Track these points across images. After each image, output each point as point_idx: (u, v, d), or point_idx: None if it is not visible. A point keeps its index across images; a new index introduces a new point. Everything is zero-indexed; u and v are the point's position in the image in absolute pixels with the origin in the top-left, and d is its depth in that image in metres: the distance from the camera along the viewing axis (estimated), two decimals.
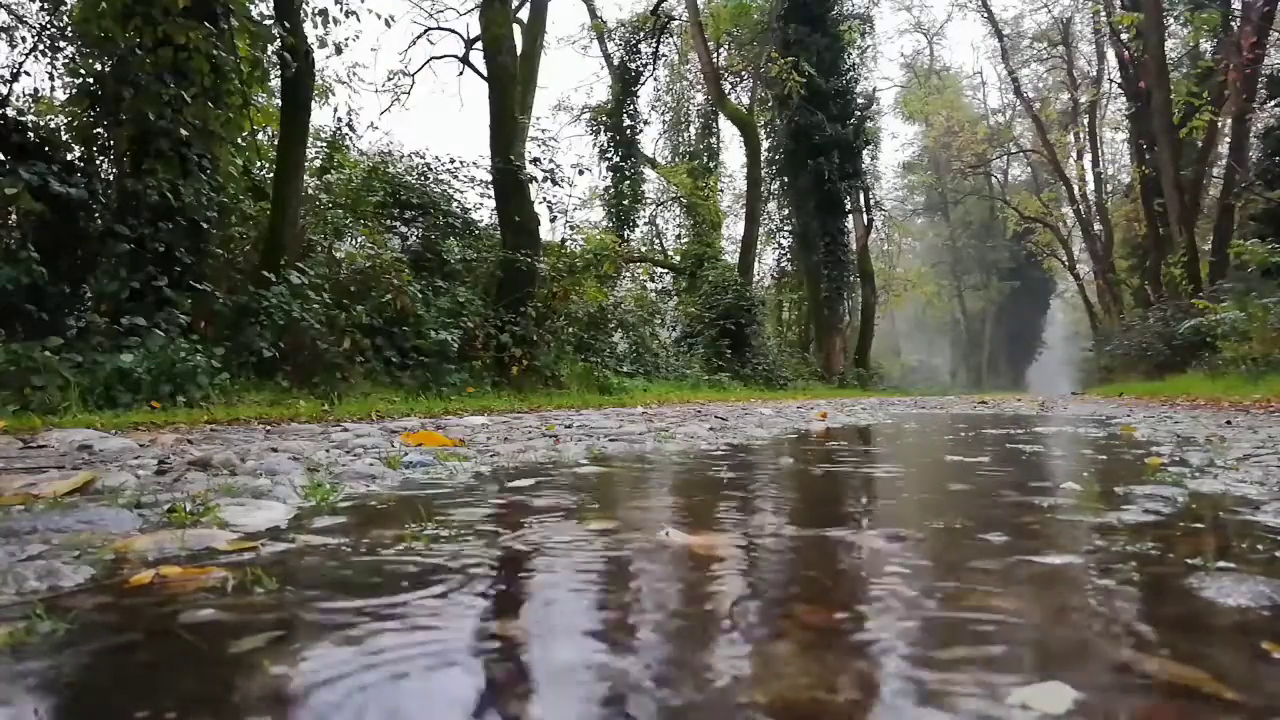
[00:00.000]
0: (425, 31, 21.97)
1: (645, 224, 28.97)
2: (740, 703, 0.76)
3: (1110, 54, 31.43)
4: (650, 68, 28.30)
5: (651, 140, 31.41)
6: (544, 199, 14.10)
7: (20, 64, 8.32)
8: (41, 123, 8.15)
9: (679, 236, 29.14)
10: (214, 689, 0.81)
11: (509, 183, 12.44)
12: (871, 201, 31.36)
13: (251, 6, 9.05)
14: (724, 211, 30.44)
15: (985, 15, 36.04)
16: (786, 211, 29.49)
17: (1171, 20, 23.97)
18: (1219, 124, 22.06)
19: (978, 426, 5.83)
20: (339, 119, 13.91)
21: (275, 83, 10.14)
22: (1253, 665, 0.86)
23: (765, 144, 27.41)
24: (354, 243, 11.35)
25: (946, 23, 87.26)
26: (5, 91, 8.06)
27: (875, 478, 2.75)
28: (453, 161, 14.30)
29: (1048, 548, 1.45)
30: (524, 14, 17.09)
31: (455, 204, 13.99)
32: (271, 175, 10.03)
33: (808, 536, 1.64)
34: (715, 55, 26.52)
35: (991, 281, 53.39)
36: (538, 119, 17.13)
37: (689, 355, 20.05)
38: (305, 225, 10.35)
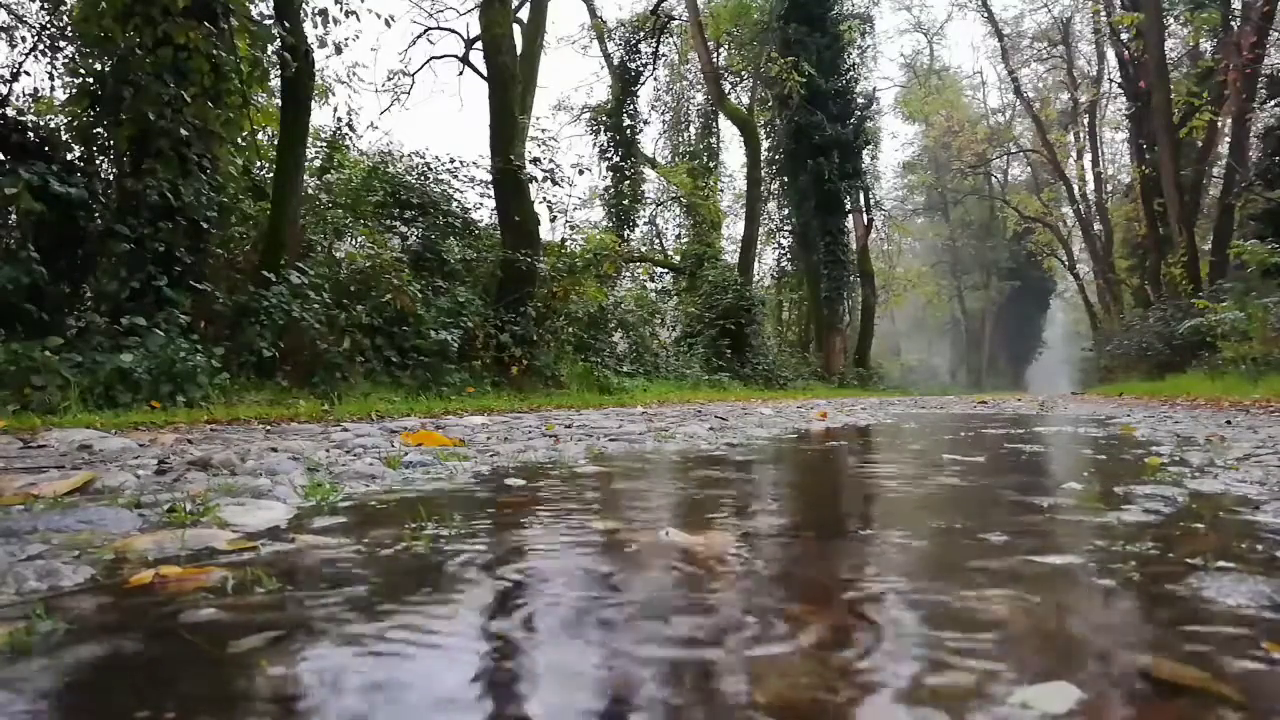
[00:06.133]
0: (425, 31, 22.01)
1: (645, 224, 29.02)
2: (740, 702, 0.76)
3: (1110, 54, 31.44)
4: (650, 68, 28.33)
5: (651, 140, 31.47)
6: (544, 199, 14.09)
7: (20, 64, 8.32)
8: (41, 123, 8.14)
9: (679, 236, 29.15)
10: (214, 689, 0.81)
11: (509, 183, 12.44)
12: (871, 201, 31.37)
13: (251, 6, 9.04)
14: (724, 211, 30.44)
15: (985, 15, 36.04)
16: (786, 211, 29.50)
17: (1171, 20, 23.96)
18: (1219, 124, 22.05)
19: (977, 426, 5.83)
20: (339, 119, 13.88)
21: (275, 83, 10.14)
22: (1253, 665, 0.86)
23: (765, 144, 27.40)
24: (354, 243, 11.34)
25: (946, 23, 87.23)
26: (5, 91, 8.06)
27: (875, 477, 2.75)
28: (453, 161, 14.30)
29: (1048, 547, 1.45)
30: (524, 14, 17.10)
31: (455, 204, 13.97)
32: (271, 175, 10.03)
33: (808, 536, 1.64)
34: (715, 55, 26.52)
35: (991, 281, 53.38)
36: (538, 119, 17.14)
37: (689, 355, 20.03)
38: (305, 225, 10.35)
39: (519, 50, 14.31)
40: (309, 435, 4.32)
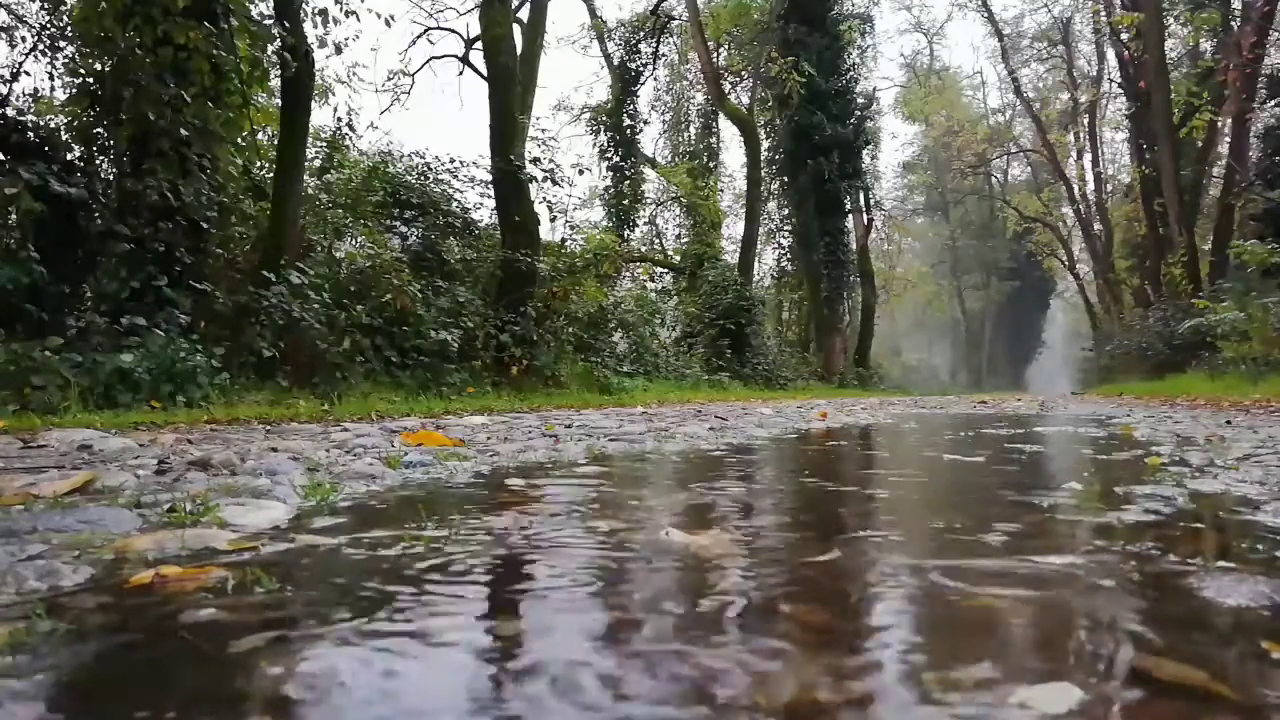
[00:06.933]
0: (425, 31, 22.02)
1: (645, 224, 29.02)
2: (739, 702, 0.76)
3: (1110, 54, 31.48)
4: (650, 68, 28.34)
5: (651, 140, 31.45)
6: (544, 199, 14.09)
7: (20, 64, 8.30)
8: (41, 123, 8.13)
9: (679, 236, 29.16)
10: (214, 688, 0.81)
11: (509, 183, 12.44)
12: (871, 201, 31.39)
13: (251, 6, 9.03)
14: (724, 211, 30.44)
15: (985, 15, 36.06)
16: (786, 211, 29.50)
17: (1171, 20, 23.97)
18: (1219, 124, 22.05)
19: (977, 426, 5.83)
20: (339, 119, 13.88)
21: (275, 83, 10.13)
22: (1253, 665, 0.86)
23: (765, 144, 27.40)
24: (354, 243, 11.34)
25: (946, 23, 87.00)
26: (5, 91, 8.06)
27: (875, 477, 2.75)
28: (453, 161, 14.30)
29: (1047, 548, 1.45)
30: (524, 14, 17.10)
31: (455, 204, 13.97)
32: (271, 175, 10.03)
33: (807, 536, 1.64)
34: (715, 55, 26.51)
35: (991, 281, 53.39)
36: (538, 119, 17.14)
37: (689, 355, 20.04)
38: (305, 225, 10.34)
39: (519, 50, 14.30)
40: (309, 435, 4.32)
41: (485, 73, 13.93)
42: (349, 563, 1.34)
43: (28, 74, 8.44)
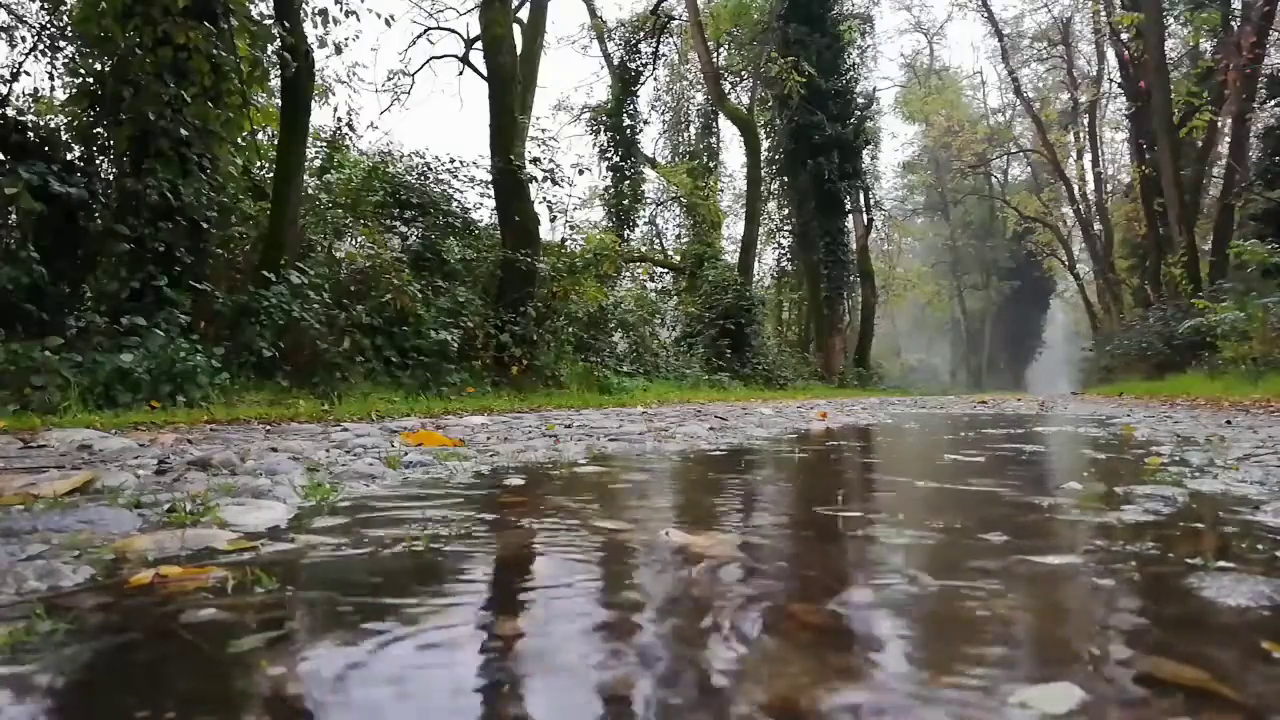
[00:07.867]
0: (425, 31, 22.04)
1: (645, 224, 29.02)
2: (739, 701, 0.76)
3: (1110, 54, 31.46)
4: (650, 68, 28.33)
5: (651, 140, 31.44)
6: (544, 199, 14.08)
7: (20, 64, 8.31)
8: (41, 123, 8.14)
9: (679, 236, 29.17)
10: (214, 689, 0.81)
11: (509, 183, 12.44)
12: (871, 201, 31.41)
13: (251, 6, 9.03)
14: (724, 211, 30.44)
15: (985, 15, 36.05)
16: (786, 211, 29.53)
17: (1171, 20, 23.97)
18: (1219, 124, 22.06)
19: (977, 426, 5.83)
20: (339, 119, 13.91)
21: (275, 83, 10.13)
22: (1253, 665, 0.86)
23: (765, 144, 27.41)
24: (354, 243, 11.34)
25: (946, 23, 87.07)
26: (5, 91, 8.06)
27: (875, 478, 2.75)
28: (453, 161, 14.29)
29: (1047, 547, 1.45)
30: (524, 14, 17.11)
31: (455, 204, 13.97)
32: (271, 175, 10.03)
33: (807, 536, 1.64)
34: (715, 55, 26.51)
35: (991, 281, 53.41)
36: (538, 119, 17.16)
37: (689, 355, 20.03)
38: (305, 225, 10.34)
39: (519, 50, 14.30)
40: (309, 435, 4.32)
41: (485, 73, 13.93)
42: (349, 562, 1.34)
43: (28, 74, 8.47)
